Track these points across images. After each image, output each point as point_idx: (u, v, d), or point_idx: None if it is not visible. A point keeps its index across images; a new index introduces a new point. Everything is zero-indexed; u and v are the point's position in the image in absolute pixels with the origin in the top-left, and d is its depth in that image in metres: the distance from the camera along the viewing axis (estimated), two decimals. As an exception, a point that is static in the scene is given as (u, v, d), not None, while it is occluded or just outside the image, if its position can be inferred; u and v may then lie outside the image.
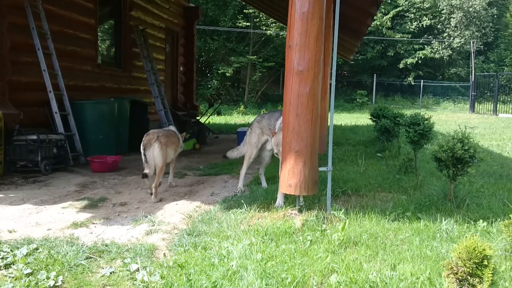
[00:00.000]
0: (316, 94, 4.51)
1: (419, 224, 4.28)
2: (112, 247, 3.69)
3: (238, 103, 27.83)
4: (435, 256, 3.49)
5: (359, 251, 3.60)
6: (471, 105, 27.93)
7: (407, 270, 3.19)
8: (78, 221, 4.42)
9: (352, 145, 10.12)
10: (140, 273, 3.16)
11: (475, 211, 4.70)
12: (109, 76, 10.32)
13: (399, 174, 6.59)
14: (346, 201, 5.17)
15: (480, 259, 2.16)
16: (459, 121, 18.11)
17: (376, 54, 33.59)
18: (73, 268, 3.26)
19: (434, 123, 6.05)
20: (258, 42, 29.34)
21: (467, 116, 23.89)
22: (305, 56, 4.40)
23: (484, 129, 15.43)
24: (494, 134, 14.01)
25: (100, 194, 5.60)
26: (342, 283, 2.96)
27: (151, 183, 5.42)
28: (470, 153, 4.60)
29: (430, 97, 33.20)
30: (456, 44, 33.39)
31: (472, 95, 27.91)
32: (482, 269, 2.15)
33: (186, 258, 3.42)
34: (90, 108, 8.17)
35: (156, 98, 10.77)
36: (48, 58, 7.68)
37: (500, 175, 6.88)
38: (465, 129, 4.92)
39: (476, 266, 2.16)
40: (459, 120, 19.64)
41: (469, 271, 2.16)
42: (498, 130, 15.35)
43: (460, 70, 34.40)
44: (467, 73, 32.36)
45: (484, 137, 12.81)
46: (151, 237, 4.05)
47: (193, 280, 3.00)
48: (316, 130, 4.55)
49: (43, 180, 6.30)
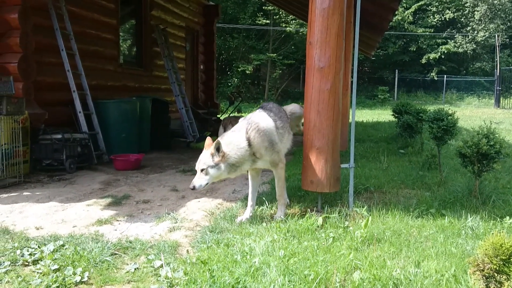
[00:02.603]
0: (338, 91, 4.48)
1: (444, 221, 4.21)
2: (136, 244, 3.74)
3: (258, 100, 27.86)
4: (460, 253, 3.44)
5: (382, 248, 3.57)
6: (496, 100, 27.38)
7: (432, 267, 3.16)
8: (103, 218, 4.50)
9: (374, 141, 10.02)
10: (163, 269, 3.20)
11: (501, 207, 4.61)
12: (130, 76, 10.45)
13: (422, 170, 6.49)
14: (368, 198, 5.13)
15: (508, 256, 2.11)
16: (483, 117, 17.76)
17: (397, 50, 33.20)
18: (99, 264, 3.32)
19: (458, 118, 5.94)
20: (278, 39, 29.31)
21: (492, 111, 23.41)
22: (326, 53, 4.38)
23: (510, 125, 15.10)
24: (520, 129, 13.70)
25: (124, 191, 5.67)
26: (366, 280, 2.93)
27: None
28: (496, 148, 4.51)
29: (454, 93, 32.65)
30: (480, 38, 32.73)
31: (497, 89, 27.34)
32: (509, 266, 2.11)
33: (209, 254, 3.44)
34: (113, 107, 8.29)
35: (177, 97, 10.85)
36: (72, 58, 7.81)
37: (527, 171, 6.72)
38: (490, 124, 4.82)
39: (503, 263, 2.12)
40: (483, 116, 19.26)
41: (495, 268, 2.12)
42: (525, 125, 15.01)
43: (485, 65, 33.72)
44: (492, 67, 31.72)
45: (510, 132, 12.54)
46: (174, 234, 4.09)
47: (216, 277, 3.01)
48: (337, 127, 4.52)
49: (68, 178, 6.42)
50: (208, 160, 4.03)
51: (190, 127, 10.41)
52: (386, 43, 32.36)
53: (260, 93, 30.30)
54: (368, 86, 34.09)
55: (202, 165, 4.03)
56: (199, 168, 4.04)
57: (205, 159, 4.05)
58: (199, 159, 4.06)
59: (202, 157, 4.07)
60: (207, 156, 4.04)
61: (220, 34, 26.70)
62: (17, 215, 4.62)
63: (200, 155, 4.10)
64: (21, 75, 6.76)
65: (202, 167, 4.03)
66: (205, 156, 4.06)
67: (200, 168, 4.03)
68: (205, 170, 4.02)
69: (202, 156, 4.08)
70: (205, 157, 4.06)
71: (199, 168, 4.04)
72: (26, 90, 6.82)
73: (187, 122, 10.46)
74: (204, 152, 4.08)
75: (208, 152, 4.05)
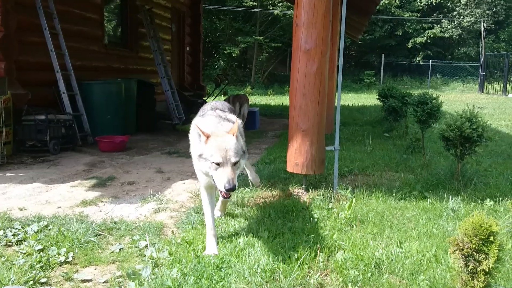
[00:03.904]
0: (324, 73, 4.48)
1: (426, 203, 4.29)
2: (121, 225, 3.74)
3: (245, 83, 27.74)
4: (441, 234, 3.51)
5: (366, 229, 3.62)
6: (480, 85, 27.66)
7: (413, 247, 3.22)
8: (87, 199, 4.48)
9: (359, 125, 10.09)
10: (148, 250, 3.21)
11: (482, 190, 4.70)
12: (115, 57, 10.31)
13: (406, 153, 6.58)
14: (353, 181, 5.19)
15: (486, 235, 2.16)
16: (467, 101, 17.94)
17: (384, 34, 33.23)
18: (83, 244, 3.31)
19: (442, 102, 6.01)
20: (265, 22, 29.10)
21: (476, 96, 23.65)
22: (312, 34, 4.37)
23: (493, 109, 15.30)
24: (503, 114, 13.89)
25: (109, 173, 5.65)
26: (349, 259, 2.98)
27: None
28: (478, 132, 4.58)
29: (439, 77, 32.88)
30: (466, 23, 32.90)
31: (482, 75, 27.61)
32: (488, 245, 2.16)
33: (194, 235, 3.46)
34: (97, 88, 8.19)
35: (163, 79, 10.75)
36: (55, 38, 7.67)
37: (508, 155, 6.84)
38: (473, 108, 4.88)
39: (482, 242, 2.16)
40: (467, 100, 19.45)
41: (475, 247, 2.17)
42: (508, 110, 15.21)
43: (470, 50, 33.97)
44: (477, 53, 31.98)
45: (493, 117, 12.71)
46: (159, 215, 4.10)
47: (201, 257, 3.04)
48: (323, 109, 4.54)
49: (52, 160, 6.35)
50: (239, 147, 2.98)
51: (176, 110, 10.33)
52: (373, 27, 32.35)
53: (247, 76, 30.17)
54: (355, 70, 34.14)
55: (237, 156, 2.89)
56: (234, 160, 2.87)
57: (237, 146, 2.93)
58: (228, 147, 2.87)
59: (230, 144, 2.90)
60: (236, 142, 2.96)
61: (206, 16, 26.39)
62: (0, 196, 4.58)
63: (219, 142, 2.89)
64: (2, 54, 6.62)
65: (237, 158, 2.89)
66: (234, 142, 2.94)
67: (234, 160, 2.87)
68: (239, 161, 2.95)
69: (230, 142, 2.91)
70: (235, 143, 2.94)
71: (232, 160, 2.86)
72: (8, 70, 6.69)
73: (172, 104, 10.38)
74: (229, 137, 2.95)
75: (234, 137, 2.97)
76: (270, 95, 22.81)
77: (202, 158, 2.98)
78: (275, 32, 29.33)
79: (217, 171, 2.86)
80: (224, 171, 2.83)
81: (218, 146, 2.88)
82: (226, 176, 2.80)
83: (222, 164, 2.84)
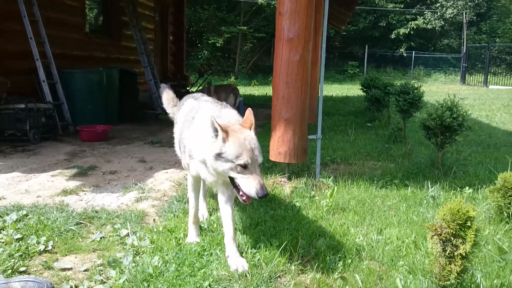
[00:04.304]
0: (307, 62, 4.48)
1: (407, 191, 4.34)
2: (102, 214, 3.71)
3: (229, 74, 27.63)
4: (421, 221, 3.56)
5: (347, 217, 3.65)
6: (462, 77, 27.98)
7: (393, 234, 3.26)
8: (68, 188, 4.43)
9: (342, 115, 10.13)
10: (130, 238, 3.19)
11: (461, 178, 4.78)
12: (97, 45, 10.17)
13: (388, 143, 6.64)
14: (335, 169, 5.22)
15: (464, 221, 2.19)
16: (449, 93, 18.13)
17: (368, 25, 33.32)
18: (63, 233, 3.28)
19: (424, 92, 6.07)
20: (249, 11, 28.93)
21: (458, 88, 23.92)
22: (295, 23, 4.35)
23: (474, 100, 15.50)
24: (483, 105, 14.08)
25: (90, 162, 5.59)
26: (330, 246, 3.01)
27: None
28: (459, 121, 4.64)
29: (422, 69, 33.14)
30: (448, 14, 33.16)
31: (463, 66, 27.92)
32: (465, 230, 2.19)
33: (176, 223, 3.45)
34: (78, 77, 8.08)
35: (146, 68, 10.64)
36: (35, 25, 7.52)
37: (487, 144, 6.96)
38: (454, 97, 4.94)
39: (460, 227, 2.19)
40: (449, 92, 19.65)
41: (452, 232, 2.20)
42: (488, 101, 15.42)
43: (452, 42, 34.30)
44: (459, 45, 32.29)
45: (474, 108, 12.88)
46: (141, 204, 4.07)
47: (183, 245, 3.03)
48: (306, 98, 4.54)
49: (32, 149, 6.26)
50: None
51: (159, 99, 10.23)
52: (357, 18, 32.40)
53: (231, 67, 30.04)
54: (338, 61, 34.23)
55: (261, 155, 2.65)
56: (260, 161, 2.62)
57: (258, 143, 2.66)
58: (252, 145, 2.57)
59: (254, 141, 2.61)
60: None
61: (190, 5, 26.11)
62: (-22, 186, 4.50)
63: (242, 140, 2.55)
64: (-20, 42, 6.49)
65: (262, 158, 2.65)
66: (256, 139, 2.66)
67: (261, 161, 2.63)
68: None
69: (253, 139, 2.62)
70: (257, 139, 2.66)
71: (259, 160, 2.60)
72: (-15, 58, 6.56)
73: (155, 94, 10.28)
74: (251, 133, 2.65)
75: (253, 133, 2.69)
76: (254, 86, 22.79)
77: (221, 158, 2.55)
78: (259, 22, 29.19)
79: (243, 174, 2.52)
80: (254, 175, 2.52)
81: (243, 144, 2.54)
82: (258, 181, 2.51)
83: (250, 166, 2.52)
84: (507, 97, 17.05)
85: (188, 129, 2.94)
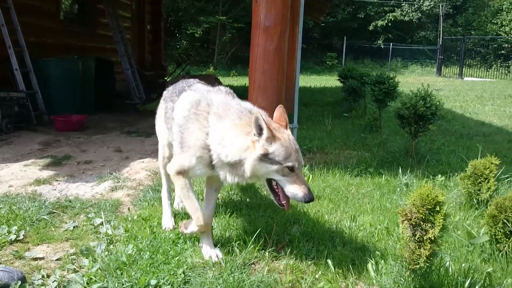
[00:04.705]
0: (283, 51, 4.49)
1: (381, 179, 4.41)
2: (75, 203, 3.67)
3: (208, 64, 27.45)
4: (394, 208, 3.62)
5: (322, 204, 3.69)
6: (438, 69, 28.37)
7: (367, 221, 3.31)
8: (41, 178, 4.36)
9: (320, 105, 10.19)
10: (104, 227, 3.17)
11: (434, 166, 4.87)
12: (73, 33, 9.96)
13: (364, 133, 6.71)
14: (311, 158, 5.25)
15: (433, 205, 2.24)
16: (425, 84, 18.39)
17: (346, 16, 33.45)
18: (35, 223, 3.23)
19: (399, 82, 6.14)
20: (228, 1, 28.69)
21: (434, 79, 24.25)
22: (272, 11, 4.35)
23: (449, 92, 15.76)
24: (458, 96, 14.33)
25: (65, 152, 5.50)
26: (304, 233, 3.04)
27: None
28: (432, 110, 4.72)
29: (399, 60, 33.48)
30: (425, 7, 33.51)
31: (439, 58, 28.31)
32: (434, 215, 2.24)
33: (151, 212, 3.44)
34: (53, 66, 7.92)
35: (123, 57, 10.48)
36: (6, 12, 7.32)
37: (461, 134, 7.10)
38: (428, 87, 5.01)
39: (429, 212, 2.24)
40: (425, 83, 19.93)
41: (422, 217, 2.24)
42: (462, 92, 15.70)
43: (429, 34, 34.69)
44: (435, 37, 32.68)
45: (449, 98, 13.10)
46: (116, 193, 4.04)
47: (157, 233, 3.03)
48: (282, 88, 4.56)
49: (4, 139, 6.13)
50: None
51: (136, 89, 10.13)
52: (336, 9, 32.49)
53: (210, 57, 29.83)
54: (317, 52, 34.29)
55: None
56: (303, 163, 2.59)
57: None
58: (296, 146, 2.50)
59: (295, 141, 2.54)
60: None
61: (168, -6, 25.80)
62: None
63: (288, 141, 2.45)
64: (-51, 28, 6.29)
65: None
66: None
67: (303, 162, 2.59)
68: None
69: (294, 139, 2.54)
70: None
71: (302, 162, 2.54)
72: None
73: (133, 83, 10.16)
74: (290, 133, 2.57)
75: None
76: (233, 76, 22.73)
77: (267, 160, 2.38)
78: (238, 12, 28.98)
79: (289, 177, 2.41)
80: (300, 178, 2.43)
81: (290, 145, 2.43)
82: (305, 184, 2.43)
83: (296, 168, 2.41)
84: (481, 88, 17.40)
85: (201, 126, 2.59)
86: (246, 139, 2.43)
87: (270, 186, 2.52)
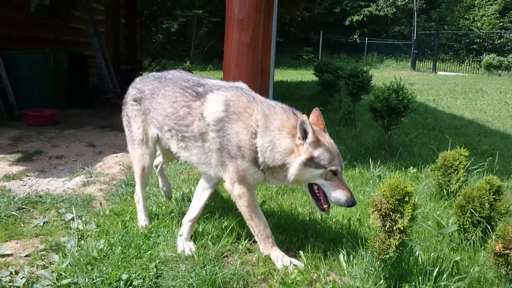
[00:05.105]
0: (257, 44, 4.47)
1: (354, 172, 4.45)
2: (46, 198, 3.61)
3: (184, 58, 27.24)
4: (366, 200, 3.65)
5: (296, 197, 3.71)
6: (412, 63, 28.77)
7: (340, 212, 3.34)
8: (11, 173, 4.27)
9: (296, 99, 10.20)
10: (75, 222, 3.12)
11: (407, 158, 4.94)
12: (44, 26, 9.74)
13: (339, 126, 6.76)
14: (286, 152, 5.26)
15: (402, 196, 2.28)
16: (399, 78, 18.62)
17: (323, 11, 33.61)
18: (4, 219, 3.17)
19: (373, 75, 6.20)
20: (205, -5, 28.51)
21: (408, 74, 24.58)
22: (245, 4, 4.32)
23: (422, 85, 15.99)
24: (431, 90, 14.56)
25: (36, 147, 5.40)
26: (277, 225, 3.05)
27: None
28: (404, 103, 4.78)
29: (374, 55, 33.81)
30: (400, 2, 33.91)
31: (414, 53, 28.70)
32: (403, 205, 2.28)
33: (123, 206, 3.41)
34: (23, 59, 7.74)
35: (97, 51, 10.28)
36: (-27, 4, 7.13)
37: (433, 127, 7.22)
38: (400, 80, 5.07)
39: (398, 202, 2.28)
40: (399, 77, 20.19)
41: (391, 207, 2.28)
42: (435, 86, 15.95)
43: (404, 29, 35.15)
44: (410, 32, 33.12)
45: (422, 92, 13.30)
46: (88, 188, 3.98)
47: (129, 227, 3.00)
48: (257, 81, 4.54)
49: (-27, 134, 5.98)
50: None
51: (111, 83, 9.98)
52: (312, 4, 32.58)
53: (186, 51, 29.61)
54: (294, 46, 34.37)
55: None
56: (343, 166, 2.59)
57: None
58: (337, 149, 2.53)
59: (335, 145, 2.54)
60: None
61: (143, -13, 25.44)
62: None
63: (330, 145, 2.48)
64: None
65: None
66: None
67: (344, 166, 2.60)
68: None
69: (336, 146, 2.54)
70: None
71: (343, 166, 2.57)
72: None
73: (107, 77, 9.99)
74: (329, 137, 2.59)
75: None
76: (210, 70, 22.59)
77: (312, 164, 2.40)
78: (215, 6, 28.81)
79: (331, 181, 2.44)
80: (342, 182, 2.47)
81: (333, 150, 2.45)
82: (347, 189, 2.48)
83: (338, 172, 2.45)
84: (453, 82, 17.70)
85: (229, 126, 2.54)
86: (290, 143, 2.44)
87: (311, 191, 2.53)
